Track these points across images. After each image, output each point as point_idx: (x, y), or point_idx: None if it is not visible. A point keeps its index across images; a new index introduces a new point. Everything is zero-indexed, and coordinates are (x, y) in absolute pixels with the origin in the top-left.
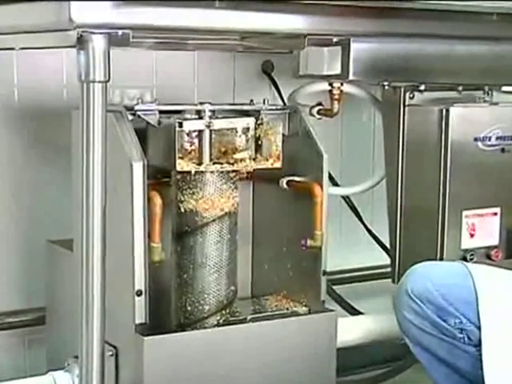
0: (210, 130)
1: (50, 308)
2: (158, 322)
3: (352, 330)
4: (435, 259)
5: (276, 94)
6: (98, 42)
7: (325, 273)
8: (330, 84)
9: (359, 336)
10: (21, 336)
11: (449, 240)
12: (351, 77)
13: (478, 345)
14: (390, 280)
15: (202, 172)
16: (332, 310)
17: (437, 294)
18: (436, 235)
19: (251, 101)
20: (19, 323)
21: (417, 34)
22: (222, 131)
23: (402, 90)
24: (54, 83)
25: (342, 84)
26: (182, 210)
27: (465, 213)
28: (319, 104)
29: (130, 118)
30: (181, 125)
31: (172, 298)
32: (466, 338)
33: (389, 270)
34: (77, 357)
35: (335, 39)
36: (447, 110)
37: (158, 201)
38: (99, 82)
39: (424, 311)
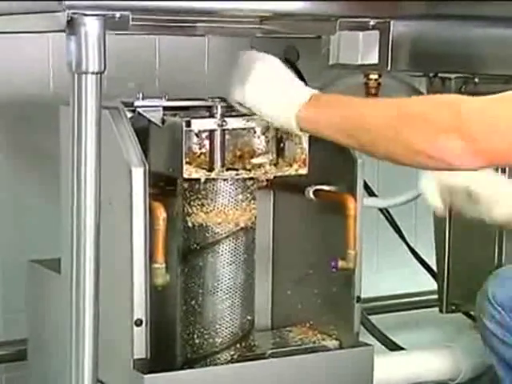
0: (223, 130)
1: (33, 340)
2: (160, 357)
3: (391, 369)
4: None
5: None
6: (91, 26)
7: (359, 300)
8: (366, 75)
9: (400, 375)
10: None
11: (508, 259)
12: (391, 67)
13: None
14: (436, 309)
15: (213, 180)
16: (368, 345)
17: None
18: (493, 255)
19: None
20: None
21: (470, 16)
22: (237, 131)
23: (452, 82)
24: (39, 74)
25: (379, 76)
26: (190, 224)
27: None
28: None
29: (129, 115)
30: (188, 124)
31: (177, 329)
32: None
33: (435, 297)
34: None
35: (372, 22)
36: None
37: (161, 213)
38: (93, 73)
39: (506, 321)
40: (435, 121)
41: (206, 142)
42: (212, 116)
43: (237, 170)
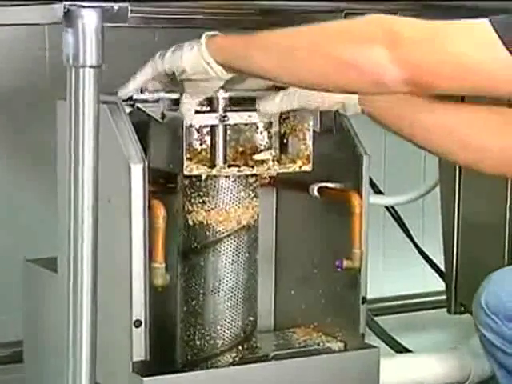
0: (225, 126)
1: (29, 342)
2: (160, 360)
3: (398, 371)
4: None
5: None
6: (89, 18)
7: (364, 300)
8: None
9: (406, 378)
10: None
11: None
12: None
13: None
14: (444, 310)
15: (214, 177)
16: (374, 347)
17: None
18: (503, 254)
19: (276, 88)
20: None
21: (482, 9)
22: (239, 127)
23: None
24: (34, 67)
25: None
26: (191, 222)
27: None
28: None
29: (128, 110)
30: None
31: (177, 331)
32: None
33: (443, 297)
34: None
35: None
36: None
37: (161, 211)
38: (91, 66)
39: (503, 330)
40: (365, 33)
41: (207, 138)
42: (213, 111)
43: (239, 166)
